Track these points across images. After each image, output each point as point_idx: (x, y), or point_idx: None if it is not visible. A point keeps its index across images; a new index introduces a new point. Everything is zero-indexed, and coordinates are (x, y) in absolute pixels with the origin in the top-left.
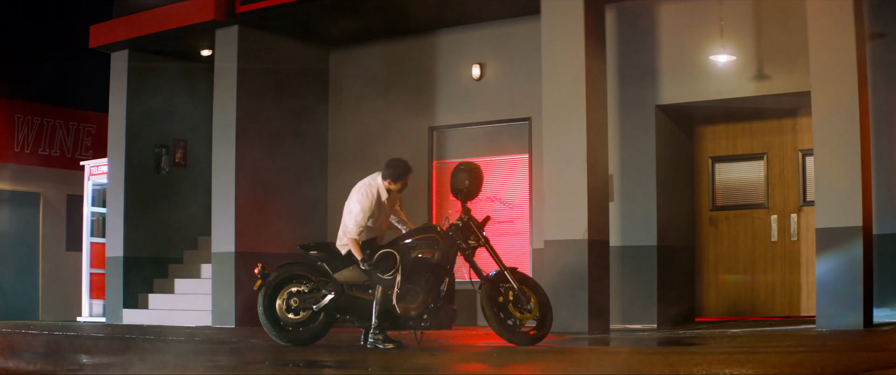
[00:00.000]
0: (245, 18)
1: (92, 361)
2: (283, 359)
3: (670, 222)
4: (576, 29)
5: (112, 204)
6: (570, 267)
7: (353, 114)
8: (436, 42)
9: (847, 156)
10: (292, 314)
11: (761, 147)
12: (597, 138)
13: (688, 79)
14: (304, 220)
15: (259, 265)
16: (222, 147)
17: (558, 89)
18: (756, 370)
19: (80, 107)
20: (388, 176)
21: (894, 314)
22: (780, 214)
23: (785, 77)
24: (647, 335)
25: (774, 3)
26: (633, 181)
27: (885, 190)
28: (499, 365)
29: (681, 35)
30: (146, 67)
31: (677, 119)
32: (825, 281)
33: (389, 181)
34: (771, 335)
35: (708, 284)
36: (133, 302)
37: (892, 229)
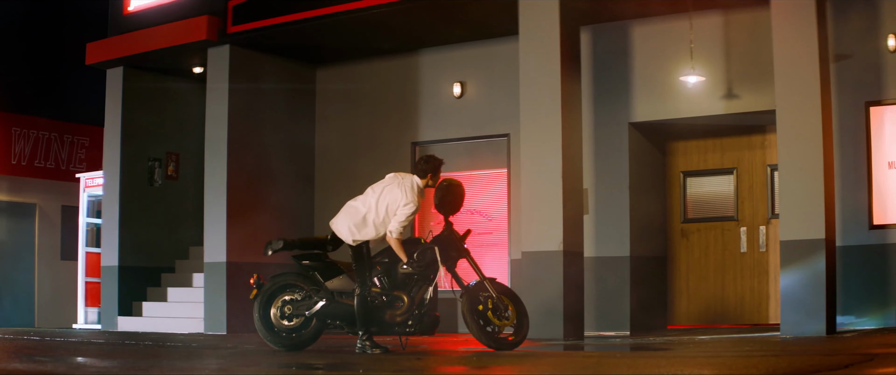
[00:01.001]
0: (236, 38)
1: (105, 363)
2: (278, 362)
3: (643, 234)
4: (552, 50)
5: (107, 215)
6: (546, 277)
7: (339, 129)
8: (419, 61)
9: (810, 171)
10: (286, 320)
11: (731, 162)
12: (572, 154)
13: (660, 98)
14: (293, 231)
15: (254, 275)
16: (214, 161)
17: (535, 107)
18: (715, 371)
19: (75, 120)
20: (428, 171)
21: (859, 321)
22: (749, 226)
23: (753, 96)
24: (619, 341)
25: (742, 26)
26: (608, 195)
27: (851, 203)
28: (479, 368)
29: (653, 56)
30: (140, 83)
31: (650, 135)
32: (789, 291)
33: (429, 176)
34: (736, 341)
35: (679, 293)
36: (127, 309)
37: (857, 241)
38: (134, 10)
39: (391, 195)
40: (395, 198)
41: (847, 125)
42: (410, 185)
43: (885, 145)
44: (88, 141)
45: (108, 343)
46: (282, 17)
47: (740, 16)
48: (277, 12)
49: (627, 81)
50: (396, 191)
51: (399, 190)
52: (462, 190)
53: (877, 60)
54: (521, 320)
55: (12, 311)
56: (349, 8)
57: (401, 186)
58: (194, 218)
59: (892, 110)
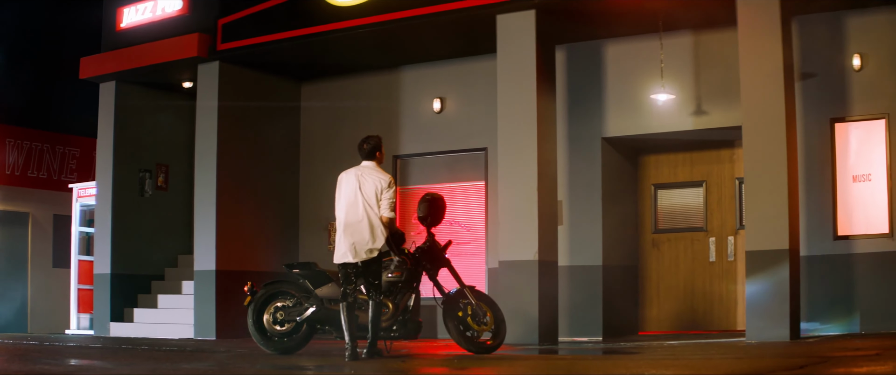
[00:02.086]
0: (225, 55)
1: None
2: (271, 364)
3: (615, 244)
4: (528, 68)
5: (100, 224)
6: (522, 284)
7: (322, 141)
8: (400, 78)
9: (775, 184)
10: (278, 326)
11: (701, 175)
12: (547, 167)
13: (631, 114)
14: (278, 241)
15: (248, 283)
16: (204, 172)
17: (512, 122)
18: (679, 371)
19: (66, 132)
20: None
21: (824, 328)
22: (718, 237)
23: (721, 112)
24: (591, 346)
25: (711, 46)
26: (581, 206)
27: (816, 215)
28: (460, 369)
29: (625, 74)
30: (132, 97)
31: (622, 149)
32: (755, 298)
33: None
34: (703, 345)
35: (650, 300)
36: (119, 315)
37: (822, 251)
38: (126, 27)
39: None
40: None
41: (813, 141)
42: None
43: (850, 160)
44: (79, 152)
45: (106, 348)
46: (269, 35)
47: (709, 36)
48: (265, 31)
49: (600, 98)
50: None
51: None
52: (443, 202)
53: (842, 79)
54: (499, 325)
55: (5, 317)
56: (333, 28)
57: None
58: (183, 227)
59: (856, 126)
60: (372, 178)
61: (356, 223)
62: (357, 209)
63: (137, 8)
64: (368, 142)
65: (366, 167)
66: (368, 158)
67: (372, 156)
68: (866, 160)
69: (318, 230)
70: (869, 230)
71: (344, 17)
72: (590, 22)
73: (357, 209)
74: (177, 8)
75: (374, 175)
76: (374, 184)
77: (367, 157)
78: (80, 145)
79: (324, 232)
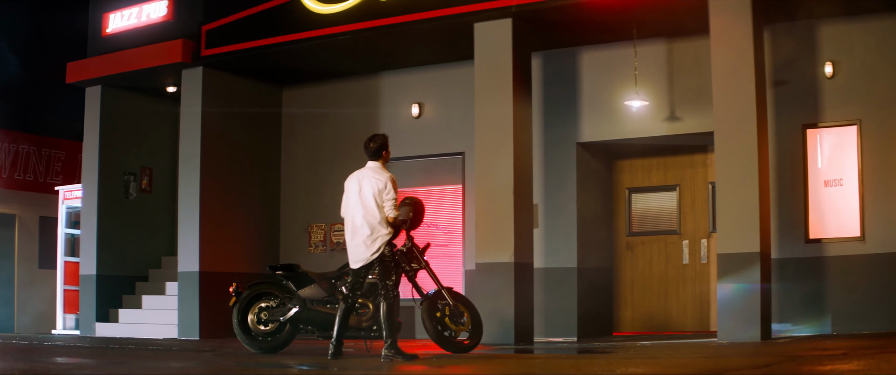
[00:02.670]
0: (209, 60)
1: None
2: (256, 363)
3: (590, 246)
4: (505, 74)
5: (86, 226)
6: (498, 286)
7: (303, 145)
8: (379, 83)
9: (746, 189)
10: (262, 326)
11: (674, 179)
12: (523, 171)
13: (606, 120)
14: (260, 243)
15: (233, 284)
16: (188, 175)
17: (489, 127)
18: (649, 370)
19: (51, 135)
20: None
21: (796, 329)
22: (691, 240)
23: (695, 119)
24: (566, 346)
25: (685, 54)
26: (557, 209)
27: (788, 219)
28: (438, 367)
29: (600, 80)
30: (117, 101)
31: (597, 154)
32: (726, 300)
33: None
34: (675, 345)
35: (625, 302)
36: (104, 316)
37: (794, 254)
38: (112, 32)
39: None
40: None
41: (785, 146)
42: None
43: (821, 165)
44: (64, 154)
45: (95, 347)
46: (252, 41)
47: (682, 44)
48: (248, 37)
49: (576, 104)
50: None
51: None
52: (422, 206)
53: (814, 86)
54: (476, 326)
55: None
56: (314, 35)
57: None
58: (166, 229)
59: (827, 132)
60: (371, 181)
61: (354, 230)
62: (357, 215)
63: (123, 14)
64: (374, 141)
65: (368, 169)
66: (374, 158)
67: (378, 155)
68: (838, 165)
69: (299, 232)
70: (841, 233)
71: (325, 24)
72: (565, 30)
73: (357, 215)
74: (161, 14)
75: (373, 177)
76: (372, 186)
77: (372, 157)
78: (66, 148)
79: (304, 235)
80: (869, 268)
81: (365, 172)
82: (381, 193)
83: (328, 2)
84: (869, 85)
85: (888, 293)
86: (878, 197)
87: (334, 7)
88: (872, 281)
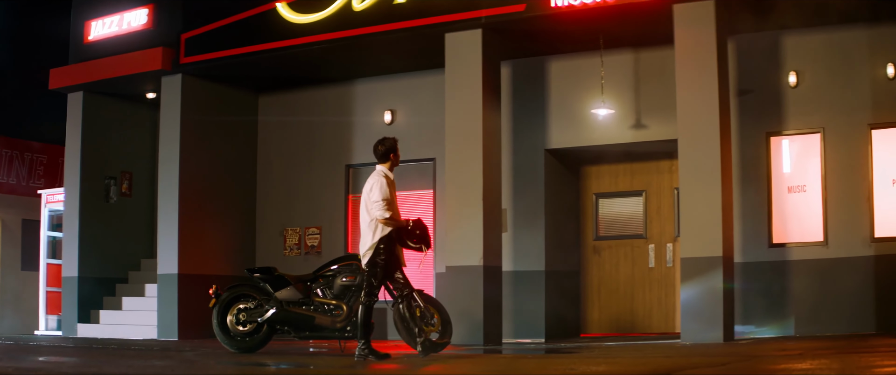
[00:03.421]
0: (187, 68)
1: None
2: (235, 362)
3: (557, 250)
4: (475, 82)
5: (68, 229)
6: (468, 288)
7: (279, 151)
8: (353, 90)
9: (709, 195)
10: (241, 326)
11: (641, 184)
12: (492, 177)
13: (574, 127)
14: (237, 246)
15: (213, 286)
16: (167, 180)
17: (459, 134)
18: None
19: (34, 139)
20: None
21: (759, 330)
22: (657, 244)
23: (660, 126)
24: (533, 346)
25: (650, 63)
26: (525, 214)
27: (752, 224)
28: (409, 366)
29: (568, 88)
30: (98, 107)
31: (564, 160)
32: (690, 302)
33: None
34: (640, 346)
35: (592, 304)
36: (86, 317)
37: (758, 258)
38: (94, 40)
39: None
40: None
41: (749, 153)
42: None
43: (784, 172)
44: (46, 158)
45: (79, 347)
46: (229, 50)
47: (648, 53)
48: (226, 46)
49: (544, 111)
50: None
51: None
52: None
53: (777, 95)
54: (446, 327)
55: None
56: (290, 43)
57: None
58: (145, 232)
59: (790, 140)
60: (368, 185)
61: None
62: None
63: (105, 22)
64: (383, 144)
65: (375, 172)
66: (383, 160)
67: (386, 158)
68: (802, 172)
69: (274, 236)
70: (804, 238)
71: (300, 33)
72: (534, 39)
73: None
74: (142, 22)
75: (371, 180)
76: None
77: (381, 159)
78: (48, 152)
79: (279, 238)
80: (832, 272)
81: (372, 176)
82: (368, 195)
83: (304, 12)
84: (832, 94)
85: (851, 296)
86: (841, 202)
87: (310, 17)
88: (835, 284)
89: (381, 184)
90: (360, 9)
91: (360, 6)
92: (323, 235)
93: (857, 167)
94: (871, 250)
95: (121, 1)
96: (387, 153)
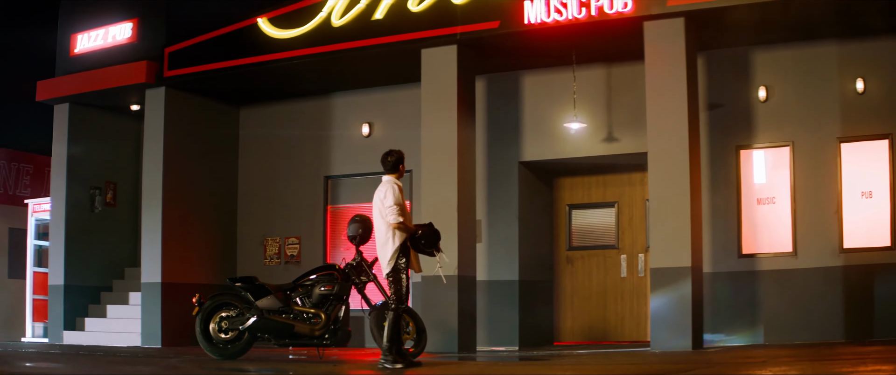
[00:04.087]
0: (171, 81)
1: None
2: (217, 367)
3: (531, 260)
4: (450, 96)
5: (54, 238)
6: (443, 297)
7: (259, 162)
8: (331, 103)
9: (678, 207)
10: (223, 334)
11: (613, 196)
12: (466, 188)
13: (547, 140)
14: (219, 255)
15: (196, 295)
16: (151, 190)
17: (435, 146)
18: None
19: (20, 149)
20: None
21: (729, 339)
22: (629, 254)
23: (632, 139)
24: (506, 354)
25: (622, 78)
26: (499, 225)
27: (722, 235)
28: (384, 372)
29: (541, 102)
30: (84, 118)
31: (538, 172)
32: (659, 312)
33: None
34: (610, 354)
35: (565, 313)
36: (71, 324)
37: (728, 268)
38: (80, 53)
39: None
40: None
41: (719, 166)
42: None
43: (754, 184)
44: (32, 168)
45: (66, 354)
46: (212, 64)
47: (620, 68)
48: (208, 60)
49: (518, 125)
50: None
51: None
52: (371, 223)
53: (747, 109)
54: (420, 335)
55: None
56: (271, 58)
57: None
58: (130, 241)
59: (760, 153)
60: (380, 192)
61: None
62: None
63: (90, 35)
64: (392, 155)
65: (383, 182)
66: (392, 171)
67: (395, 168)
68: (771, 184)
69: (255, 245)
70: (773, 249)
71: (281, 48)
72: (508, 55)
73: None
74: (126, 36)
75: (383, 188)
76: (379, 197)
77: (390, 170)
78: (34, 162)
79: (259, 248)
80: (801, 282)
81: (381, 186)
82: (382, 202)
83: (284, 27)
84: (801, 108)
85: (819, 305)
86: (810, 214)
87: (290, 32)
88: (804, 293)
89: (394, 191)
90: (338, 25)
91: (338, 22)
92: (302, 245)
93: (826, 179)
94: (839, 260)
95: (106, 15)
96: (396, 164)
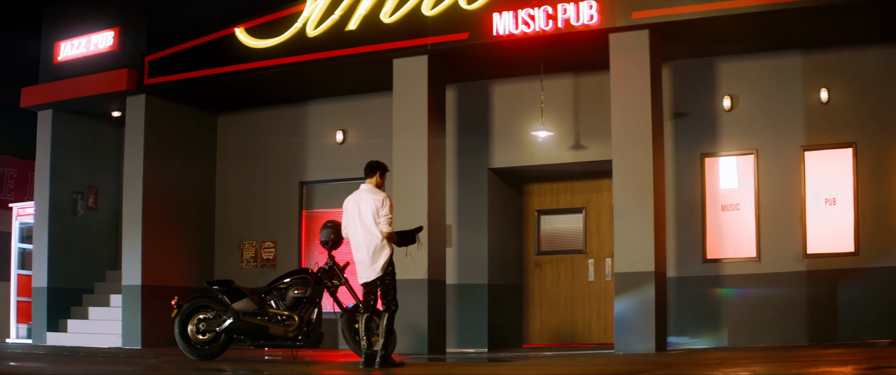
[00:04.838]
0: (151, 89)
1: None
2: (195, 367)
3: (500, 264)
4: (421, 104)
5: (38, 241)
6: (413, 300)
7: (236, 168)
8: (306, 111)
9: (642, 213)
10: (200, 335)
11: (581, 202)
12: (436, 194)
13: (516, 147)
14: (197, 258)
15: (175, 298)
16: (131, 195)
17: (406, 153)
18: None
19: (5, 153)
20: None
21: (693, 342)
22: (596, 259)
23: (598, 147)
24: (475, 356)
25: (589, 87)
26: (469, 230)
27: (686, 240)
28: (355, 371)
29: (510, 111)
30: (66, 124)
31: (507, 179)
32: (623, 315)
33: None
34: (576, 356)
35: (533, 316)
36: (54, 326)
37: (692, 272)
38: (63, 60)
39: (367, 204)
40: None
41: (683, 173)
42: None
43: (718, 191)
44: (16, 172)
45: (51, 354)
46: (191, 72)
47: (587, 78)
48: (187, 68)
49: (487, 132)
50: (369, 201)
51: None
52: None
53: (712, 118)
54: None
55: None
56: (248, 67)
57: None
58: (111, 245)
59: (724, 161)
60: (369, 201)
61: (357, 247)
62: (358, 234)
63: (73, 43)
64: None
65: (364, 190)
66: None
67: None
68: (735, 191)
69: (232, 249)
70: (737, 254)
71: (258, 57)
72: (477, 65)
73: (358, 234)
74: (108, 44)
75: (369, 197)
76: (371, 206)
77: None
78: (18, 166)
79: (236, 251)
80: (765, 286)
81: (362, 194)
82: (379, 211)
83: (261, 37)
84: (766, 117)
85: (782, 309)
86: (774, 220)
87: (267, 42)
88: (768, 298)
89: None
90: (313, 35)
91: (313, 33)
92: (278, 249)
93: (789, 187)
94: (802, 266)
95: (89, 24)
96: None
